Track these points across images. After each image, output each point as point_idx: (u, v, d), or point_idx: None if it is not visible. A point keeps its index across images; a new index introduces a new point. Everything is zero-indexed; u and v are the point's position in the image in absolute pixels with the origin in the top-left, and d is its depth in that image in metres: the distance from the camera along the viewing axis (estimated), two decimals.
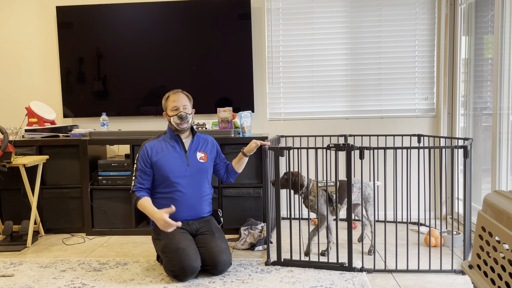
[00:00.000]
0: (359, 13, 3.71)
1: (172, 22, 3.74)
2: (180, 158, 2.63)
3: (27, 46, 3.94)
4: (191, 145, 2.69)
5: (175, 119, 2.60)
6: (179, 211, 2.61)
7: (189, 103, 2.65)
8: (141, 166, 2.61)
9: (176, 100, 2.60)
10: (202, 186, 2.68)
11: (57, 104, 3.96)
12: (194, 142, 2.71)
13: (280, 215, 2.64)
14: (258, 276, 2.48)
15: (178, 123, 2.60)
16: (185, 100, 2.62)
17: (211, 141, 2.80)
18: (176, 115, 2.59)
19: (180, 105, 2.59)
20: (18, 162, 3.06)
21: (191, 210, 2.64)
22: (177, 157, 2.62)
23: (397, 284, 2.34)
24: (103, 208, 3.41)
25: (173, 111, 2.60)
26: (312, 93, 3.80)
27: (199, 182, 2.66)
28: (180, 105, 2.59)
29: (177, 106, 2.59)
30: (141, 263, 2.75)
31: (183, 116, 2.59)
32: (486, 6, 3.25)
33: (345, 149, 2.45)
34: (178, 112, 2.59)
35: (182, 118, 2.59)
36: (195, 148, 2.70)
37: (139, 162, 2.62)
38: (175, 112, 2.60)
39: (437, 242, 2.92)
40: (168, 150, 2.63)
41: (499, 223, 1.48)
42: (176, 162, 2.61)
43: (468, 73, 3.50)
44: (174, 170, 2.60)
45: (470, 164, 2.67)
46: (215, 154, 2.79)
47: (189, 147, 2.68)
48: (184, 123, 2.61)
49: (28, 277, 2.54)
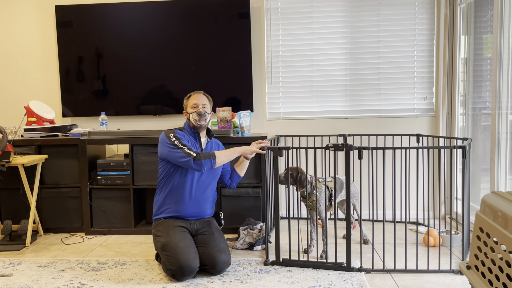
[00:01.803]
0: (359, 13, 3.71)
1: (171, 21, 3.74)
2: None
3: (26, 45, 3.94)
4: (207, 145, 2.79)
5: (194, 115, 2.68)
6: (186, 207, 2.66)
7: (208, 104, 2.75)
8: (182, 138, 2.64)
9: (197, 98, 2.72)
10: (210, 186, 2.75)
11: (56, 104, 3.96)
12: (209, 143, 2.82)
13: (279, 215, 2.64)
14: (257, 276, 2.48)
15: (197, 119, 2.68)
16: (205, 100, 2.74)
17: (222, 147, 2.91)
18: (195, 111, 2.68)
19: (200, 103, 2.70)
20: (17, 161, 3.06)
21: (197, 208, 2.70)
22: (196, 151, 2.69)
23: (395, 284, 2.35)
24: (102, 208, 3.41)
25: (193, 108, 2.70)
26: (311, 92, 3.80)
27: (208, 182, 2.73)
28: (200, 103, 2.70)
29: (197, 104, 2.69)
30: (140, 262, 2.75)
31: (201, 113, 2.67)
32: (485, 5, 3.25)
33: (343, 149, 2.45)
34: (198, 109, 2.68)
35: (201, 115, 2.68)
36: (210, 149, 2.79)
37: (177, 137, 2.62)
38: (194, 109, 2.69)
39: (436, 242, 2.93)
40: (189, 142, 2.70)
41: (497, 224, 1.48)
42: None
43: (467, 73, 3.50)
44: None
45: (468, 164, 2.67)
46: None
47: (205, 146, 2.77)
48: (202, 120, 2.69)
49: (27, 277, 2.54)
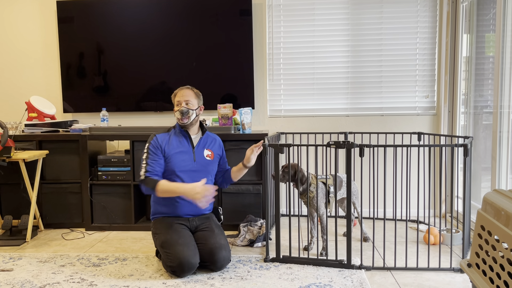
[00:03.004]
0: (360, 10, 3.70)
1: (173, 18, 3.73)
2: (187, 153, 2.64)
3: (27, 41, 3.93)
4: (199, 142, 2.70)
5: (177, 114, 2.63)
6: (181, 207, 2.62)
7: (194, 99, 2.64)
8: (152, 152, 2.60)
9: (181, 95, 2.62)
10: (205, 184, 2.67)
11: (57, 99, 3.95)
12: (203, 139, 2.72)
13: (279, 212, 2.64)
14: (257, 273, 2.48)
15: (179, 118, 2.62)
16: (189, 95, 2.62)
17: (219, 142, 2.82)
18: (178, 110, 2.61)
19: (183, 100, 2.61)
20: (17, 156, 3.05)
21: (192, 207, 2.64)
22: (184, 151, 2.64)
23: (395, 282, 2.35)
24: (103, 204, 3.41)
25: (177, 106, 2.63)
26: (312, 90, 3.79)
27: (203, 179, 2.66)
28: (182, 100, 2.61)
29: (180, 101, 2.61)
30: (140, 258, 2.75)
31: (183, 112, 2.60)
32: (488, 4, 3.24)
33: (345, 147, 2.45)
34: (180, 107, 2.61)
35: (183, 113, 2.60)
36: (203, 145, 2.71)
37: (149, 149, 2.61)
38: (177, 108, 2.62)
39: (436, 240, 2.92)
40: (176, 144, 2.64)
41: (499, 222, 1.48)
42: (183, 156, 2.62)
43: (469, 71, 3.49)
44: (180, 164, 2.61)
45: (470, 163, 2.67)
46: (220, 155, 2.81)
47: (197, 143, 2.69)
48: (184, 118, 2.61)
49: (27, 272, 2.55)
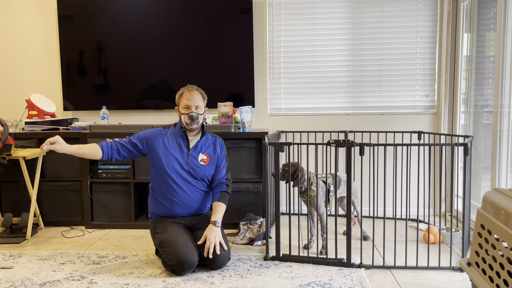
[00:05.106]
0: (361, 9, 3.70)
1: (174, 16, 3.73)
2: (181, 154, 2.59)
3: (27, 39, 3.93)
4: (196, 145, 2.62)
5: (186, 118, 2.54)
6: (176, 208, 2.60)
7: (202, 103, 2.57)
8: (132, 138, 2.62)
9: (190, 99, 2.53)
10: (200, 187, 2.63)
11: (57, 97, 3.95)
12: (201, 142, 2.64)
13: (279, 211, 2.64)
14: (257, 271, 2.49)
15: (188, 123, 2.55)
16: (199, 99, 2.55)
17: (219, 145, 2.68)
18: (187, 114, 2.53)
19: (193, 105, 2.52)
20: (18, 154, 3.05)
21: (188, 208, 2.63)
22: (178, 152, 2.59)
23: (395, 281, 2.35)
24: (103, 202, 3.42)
25: (185, 109, 2.53)
26: (313, 88, 3.79)
27: (197, 183, 2.61)
28: (192, 105, 2.52)
29: (189, 106, 2.52)
30: (140, 256, 2.76)
31: (193, 117, 2.53)
32: (488, 3, 3.23)
33: (345, 145, 2.45)
34: (190, 112, 2.52)
35: (193, 119, 2.53)
36: (200, 148, 2.62)
37: (134, 135, 2.63)
38: (186, 111, 2.53)
39: (436, 239, 2.93)
40: (172, 143, 2.60)
41: (498, 221, 1.48)
42: (176, 157, 2.58)
43: (470, 71, 3.49)
44: (170, 164, 2.56)
45: (470, 162, 2.67)
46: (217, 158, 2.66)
47: (193, 146, 2.62)
48: (194, 123, 2.55)
49: (27, 270, 2.55)
